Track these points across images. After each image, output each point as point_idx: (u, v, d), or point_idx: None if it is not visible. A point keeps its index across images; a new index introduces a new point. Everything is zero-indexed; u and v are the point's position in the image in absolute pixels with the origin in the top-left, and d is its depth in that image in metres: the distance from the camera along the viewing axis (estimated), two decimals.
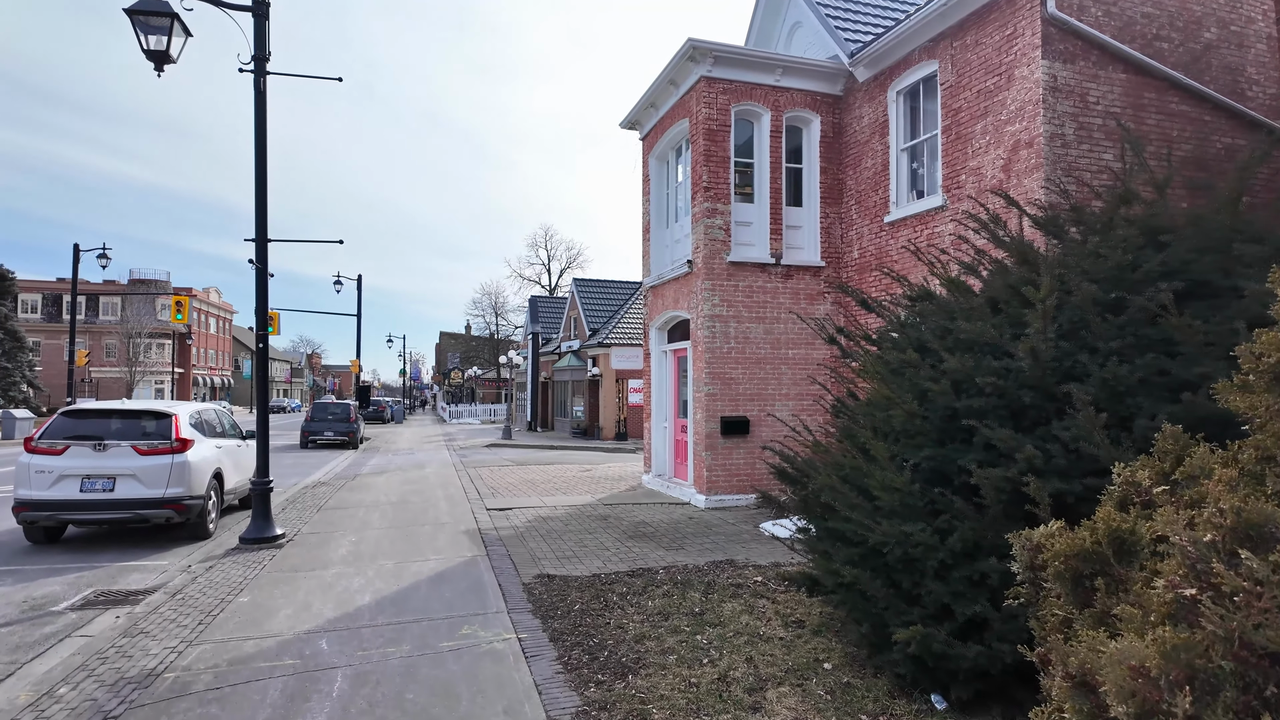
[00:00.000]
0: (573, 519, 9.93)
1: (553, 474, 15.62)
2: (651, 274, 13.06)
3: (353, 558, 7.63)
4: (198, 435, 9.38)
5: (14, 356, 37.33)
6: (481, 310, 69.30)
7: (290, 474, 17.08)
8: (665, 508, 10.87)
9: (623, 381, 30.36)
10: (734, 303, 11.03)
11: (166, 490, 8.58)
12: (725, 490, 10.85)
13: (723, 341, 10.93)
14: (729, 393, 10.93)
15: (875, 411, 4.76)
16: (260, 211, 8.40)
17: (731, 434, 10.88)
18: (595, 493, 12.43)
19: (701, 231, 10.93)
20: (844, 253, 11.63)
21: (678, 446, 12.48)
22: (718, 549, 8.15)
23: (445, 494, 12.44)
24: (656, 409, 13.00)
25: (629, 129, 13.80)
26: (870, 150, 11.03)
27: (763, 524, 9.45)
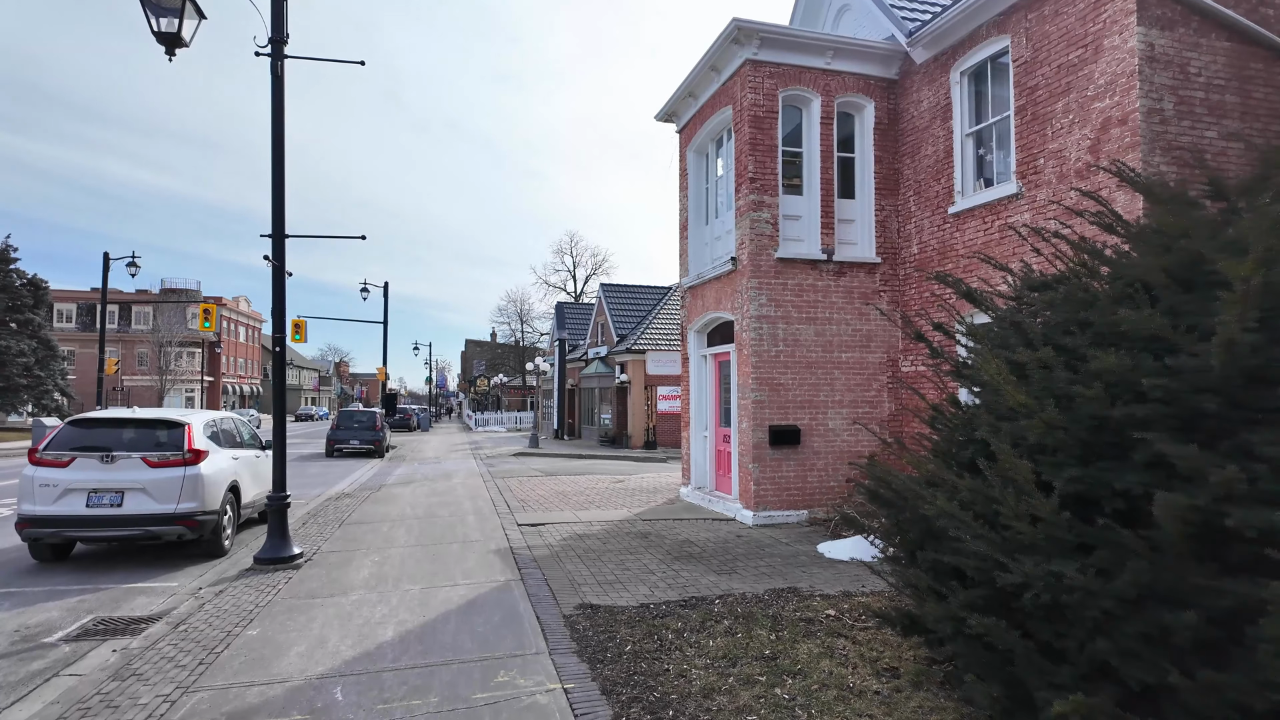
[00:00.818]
0: (611, 537, 9.17)
1: (584, 485, 14.89)
2: (690, 273, 12.30)
3: (375, 581, 6.94)
4: (213, 446, 8.79)
5: (46, 364, 37.64)
6: (507, 317, 69.05)
7: (314, 484, 16.56)
8: (709, 524, 10.07)
9: (652, 388, 29.61)
10: (782, 302, 10.22)
11: (178, 505, 7.98)
12: (775, 506, 10.02)
13: (770, 344, 10.13)
14: (777, 400, 10.12)
15: (1000, 423, 3.93)
16: (277, 206, 7.80)
17: (781, 444, 10.05)
18: (631, 506, 11.66)
19: (747, 226, 10.15)
20: (901, 248, 10.76)
21: (719, 457, 11.67)
22: (775, 574, 7.33)
23: (474, 507, 11.76)
24: (696, 417, 12.22)
25: (664, 121, 13.09)
26: (930, 137, 10.17)
27: (821, 545, 8.60)
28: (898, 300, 10.79)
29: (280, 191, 7.80)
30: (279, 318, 7.81)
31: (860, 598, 6.40)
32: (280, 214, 7.82)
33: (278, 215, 7.80)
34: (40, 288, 38.71)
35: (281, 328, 7.82)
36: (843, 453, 10.39)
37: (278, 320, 7.80)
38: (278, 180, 7.78)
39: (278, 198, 7.80)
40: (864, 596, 6.44)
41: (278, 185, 7.79)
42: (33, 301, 38.11)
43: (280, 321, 7.82)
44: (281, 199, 7.82)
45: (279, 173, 7.78)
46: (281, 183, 7.80)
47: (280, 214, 7.82)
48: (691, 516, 10.59)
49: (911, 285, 10.52)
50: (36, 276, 38.49)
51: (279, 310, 7.80)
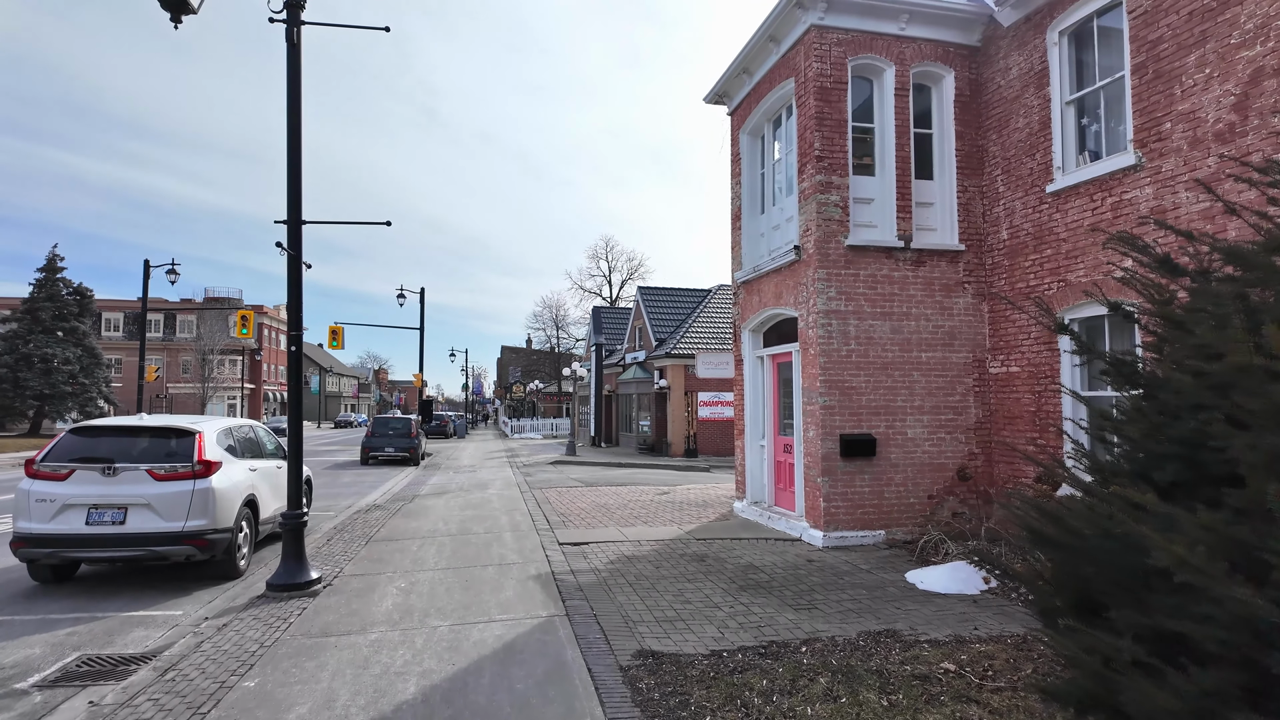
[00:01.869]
0: (663, 559, 8.13)
1: (626, 497, 13.88)
2: (743, 266, 11.23)
3: (399, 615, 6.02)
4: (227, 457, 8.01)
5: (91, 372, 38.10)
6: (542, 324, 68.64)
7: (346, 494, 15.87)
8: (772, 546, 8.96)
9: (692, 394, 28.51)
10: (854, 295, 9.10)
11: (186, 523, 7.19)
12: (847, 525, 8.87)
13: (841, 342, 9.00)
14: (849, 405, 8.98)
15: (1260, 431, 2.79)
16: (293, 189, 6.98)
17: (854, 455, 8.91)
18: (681, 523, 10.61)
19: (813, 210, 9.05)
20: (988, 234, 9.55)
21: (779, 469, 10.55)
22: (864, 610, 6.22)
23: (510, 522, 10.83)
24: (751, 425, 11.12)
25: (714, 103, 12.07)
26: (1022, 107, 8.97)
27: (910, 573, 7.44)
28: (984, 293, 9.57)
29: (296, 173, 6.98)
30: (295, 312, 6.97)
31: (979, 645, 5.25)
32: (296, 197, 6.99)
33: (293, 199, 6.98)
34: (86, 296, 39.27)
35: (298, 324, 6.99)
36: (924, 465, 9.20)
37: (293, 315, 6.97)
38: (293, 160, 6.96)
39: (293, 180, 6.97)
40: (983, 644, 5.29)
41: (293, 166, 6.97)
42: (78, 310, 38.67)
43: (297, 317, 6.99)
44: (298, 181, 7.00)
45: (295, 152, 6.96)
46: (298, 163, 6.98)
47: (296, 197, 6.99)
48: (751, 536, 9.49)
49: (1001, 274, 9.30)
50: (82, 285, 39.07)
51: (295, 304, 6.97)
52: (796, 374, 9.74)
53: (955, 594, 6.78)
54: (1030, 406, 8.83)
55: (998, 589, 6.94)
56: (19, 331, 36.59)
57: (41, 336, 36.63)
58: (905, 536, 9.02)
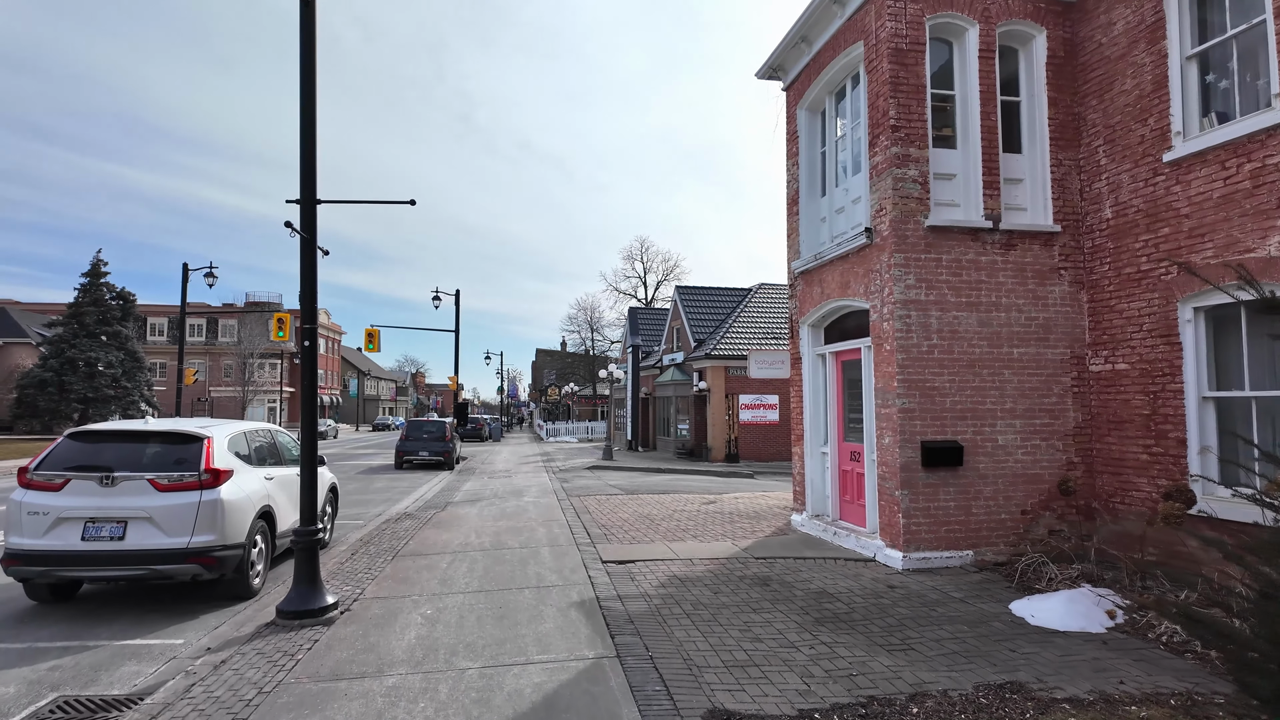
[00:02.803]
0: (721, 583, 7.17)
1: (671, 506, 12.93)
2: (801, 255, 10.21)
3: (422, 652, 5.16)
4: (240, 464, 7.28)
5: (133, 376, 38.51)
6: (577, 326, 68.10)
7: (377, 500, 15.22)
8: (844, 568, 7.93)
9: (733, 397, 27.45)
10: (935, 283, 8.03)
11: (191, 538, 6.45)
12: (930, 545, 7.79)
13: (921, 337, 7.94)
14: (931, 408, 7.91)
15: None
16: (307, 162, 6.20)
17: (937, 465, 7.83)
18: (735, 537, 9.62)
19: (888, 186, 8.01)
20: (1087, 213, 8.39)
21: (844, 480, 9.50)
22: (972, 652, 5.18)
23: (548, 535, 9.97)
24: (811, 430, 10.08)
25: (767, 78, 11.08)
26: (1130, 66, 7.81)
27: (1015, 603, 6.35)
28: (1083, 280, 8.41)
29: (311, 147, 6.20)
30: (308, 303, 6.19)
31: (1134, 708, 4.18)
32: (311, 174, 6.21)
33: (307, 175, 6.20)
34: (128, 301, 39.75)
35: (312, 315, 6.20)
36: (1016, 476, 8.08)
37: (306, 307, 6.19)
38: (307, 132, 6.18)
39: (307, 154, 6.20)
40: (1139, 705, 4.22)
41: (307, 139, 6.19)
42: (121, 314, 39.15)
43: (310, 309, 6.20)
44: (312, 156, 6.22)
45: (309, 123, 6.19)
46: (312, 135, 6.20)
47: (311, 174, 6.21)
48: (816, 555, 8.46)
49: (1104, 258, 8.14)
50: (125, 290, 39.56)
51: (308, 293, 6.19)
52: (867, 373, 8.69)
53: (1077, 632, 5.68)
54: (1142, 409, 7.65)
55: (1126, 625, 5.83)
56: (64, 336, 37.13)
57: (85, 340, 37.13)
58: (997, 557, 7.91)
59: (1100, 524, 8.01)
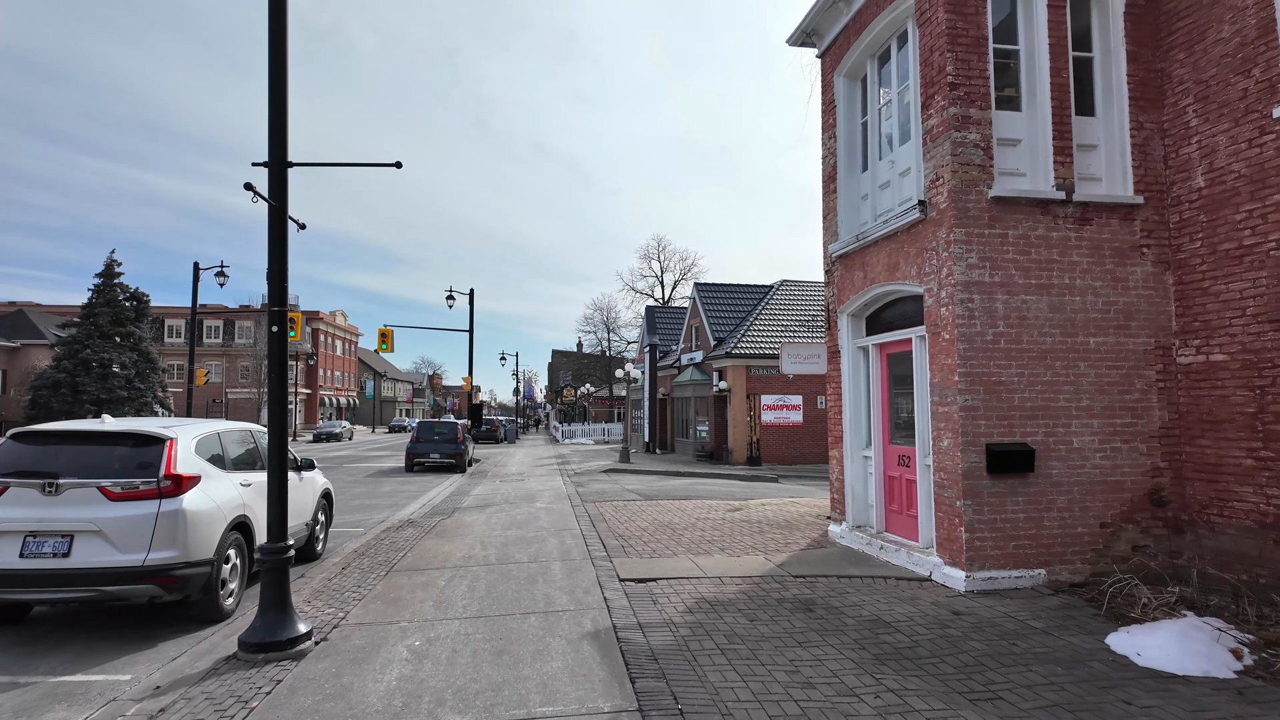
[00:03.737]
0: (758, 608, 6.20)
1: (692, 514, 11.97)
2: (840, 237, 9.21)
3: (402, 700, 4.25)
4: (210, 469, 6.44)
5: (146, 377, 38.17)
6: (593, 326, 67.25)
7: (382, 506, 14.41)
8: (896, 589, 6.93)
9: (755, 397, 26.46)
10: (1000, 262, 7.02)
11: (149, 555, 5.61)
12: (997, 563, 6.77)
13: (985, 324, 6.93)
14: (997, 405, 6.90)
15: None
16: (276, 118, 5.33)
17: (1004, 471, 6.82)
18: (767, 550, 8.64)
19: (946, 152, 7.02)
20: (1174, 182, 7.33)
21: (890, 487, 8.49)
22: (1076, 704, 4.18)
23: (559, 547, 9.05)
24: (852, 431, 9.08)
25: (800, 44, 10.11)
26: (1227, 11, 6.75)
27: (1113, 636, 5.33)
28: (1168, 259, 7.35)
29: (281, 100, 5.33)
30: (277, 282, 5.32)
31: None
32: (281, 132, 5.34)
33: (277, 134, 5.33)
34: (142, 301, 39.44)
35: (282, 298, 5.33)
36: (1094, 483, 7.04)
37: (275, 287, 5.31)
38: (277, 84, 5.31)
39: (277, 109, 5.33)
40: None
41: (277, 91, 5.32)
42: (135, 315, 38.83)
43: (280, 289, 5.32)
44: (283, 110, 5.35)
45: (279, 74, 5.32)
46: (283, 89, 5.33)
47: (281, 132, 5.34)
48: (862, 573, 7.46)
49: (1195, 233, 7.08)
50: (139, 290, 39.24)
51: (278, 271, 5.32)
52: (920, 367, 7.69)
53: (1200, 676, 4.66)
54: (1245, 406, 6.59)
55: (1258, 666, 4.80)
56: (77, 336, 36.87)
57: (99, 341, 36.83)
58: (1073, 577, 6.87)
59: (1193, 539, 6.95)
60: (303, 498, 8.50)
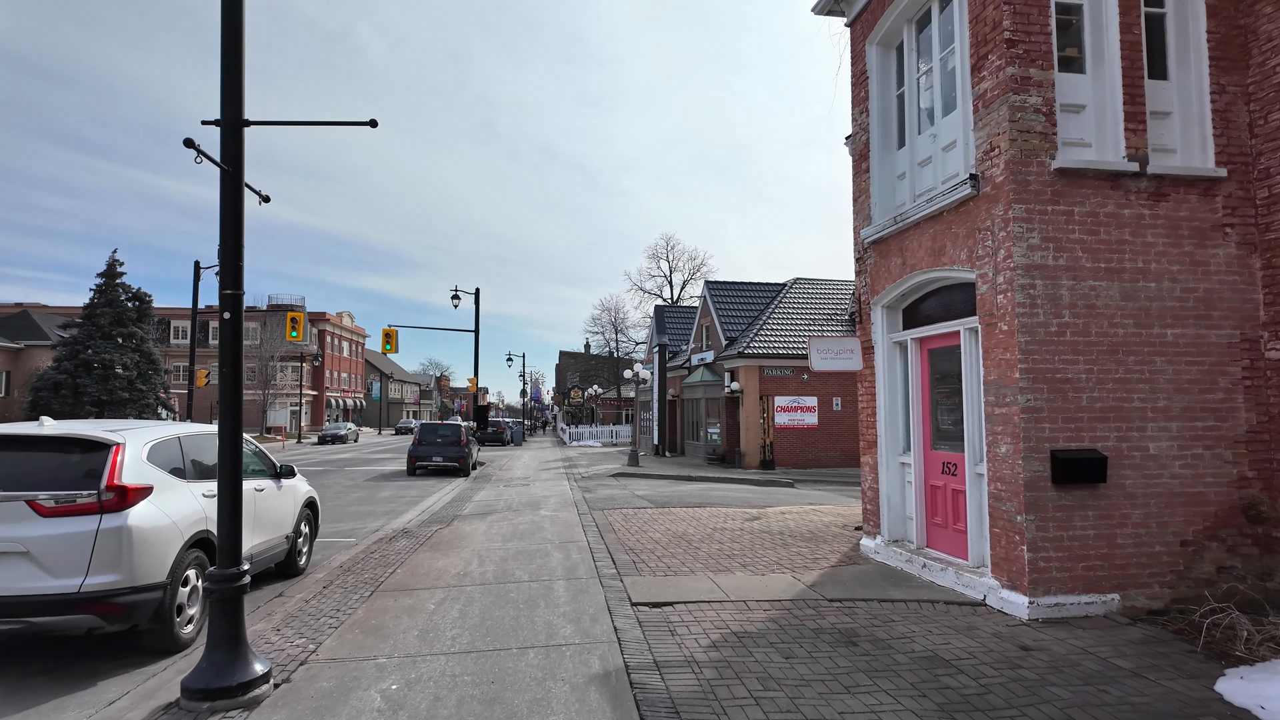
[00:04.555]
0: (793, 641, 5.36)
1: (708, 523, 11.14)
2: (874, 220, 8.36)
3: None
4: (166, 479, 5.66)
5: (148, 378, 37.65)
6: (601, 327, 66.49)
7: (379, 513, 13.63)
8: (948, 616, 6.08)
9: (768, 398, 25.61)
10: (1065, 243, 6.16)
11: (86, 579, 4.83)
12: (1065, 587, 5.91)
13: (1049, 313, 6.08)
14: (1063, 406, 6.04)
15: None
16: (231, 71, 4.54)
17: (1072, 481, 5.96)
18: (795, 567, 7.80)
19: (1003, 119, 6.17)
20: (1262, 152, 6.44)
21: (932, 497, 7.64)
22: None
23: (564, 562, 8.24)
24: (887, 435, 8.22)
25: (827, 14, 9.28)
26: None
27: (1223, 682, 4.46)
28: (1254, 240, 6.47)
29: (236, 49, 4.55)
30: (231, 261, 4.52)
31: None
32: (236, 87, 4.55)
33: (231, 89, 4.54)
34: (144, 301, 38.95)
35: (236, 279, 4.53)
36: (1173, 495, 6.16)
37: (228, 266, 4.52)
38: (232, 31, 4.53)
39: (232, 59, 4.54)
40: None
41: (232, 41, 4.53)
42: (137, 315, 38.34)
43: (234, 269, 4.53)
44: (238, 62, 4.56)
45: (233, 19, 4.53)
46: (238, 33, 4.54)
47: (236, 87, 4.55)
48: (906, 596, 6.61)
49: None
50: (141, 290, 38.75)
51: (231, 246, 4.52)
52: (970, 363, 6.84)
53: None
54: None
55: None
56: (78, 337, 36.36)
57: (100, 342, 36.33)
58: (1150, 603, 6.00)
59: None
60: (282, 508, 7.73)
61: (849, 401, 26.18)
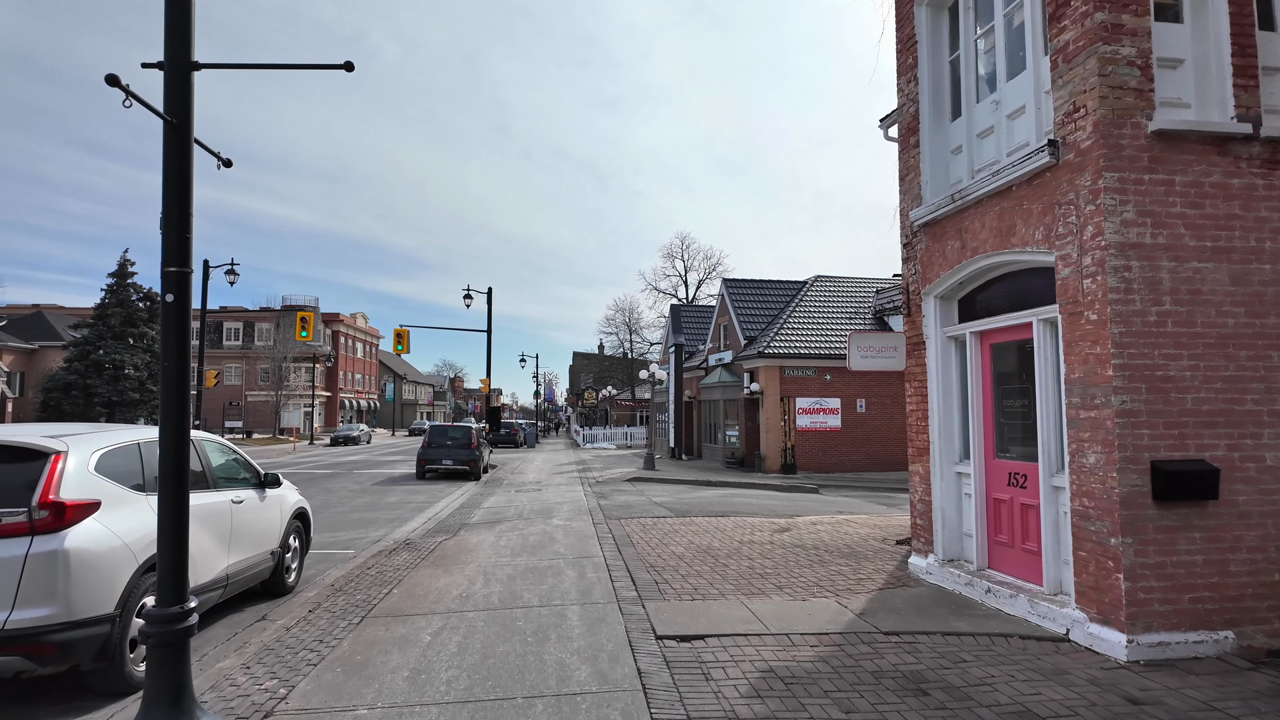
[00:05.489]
0: (850, 689, 4.50)
1: (734, 535, 10.29)
2: (926, 200, 7.48)
3: None
4: (119, 492, 4.90)
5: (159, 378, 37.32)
6: (615, 328, 65.72)
7: (383, 520, 12.89)
8: (1026, 654, 5.19)
9: (789, 400, 24.71)
10: (1165, 218, 5.26)
11: (10, 615, 4.08)
12: (1169, 622, 5.01)
13: (1147, 300, 5.18)
14: (1164, 409, 5.14)
15: None
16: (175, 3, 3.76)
17: (1176, 498, 5.05)
18: (837, 590, 6.93)
19: (1092, 72, 5.28)
20: None
21: (996, 512, 6.74)
22: None
23: (579, 583, 7.42)
24: (941, 441, 7.33)
25: None
26: None
27: None
28: None
29: None
30: (176, 233, 3.75)
31: None
32: (183, 26, 3.78)
33: (177, 28, 3.77)
34: (155, 301, 38.61)
35: (183, 254, 3.75)
36: None
37: (172, 237, 3.74)
38: None
39: None
40: None
41: None
42: (148, 316, 38.02)
43: (181, 242, 3.75)
44: None
45: None
46: None
47: (183, 26, 3.78)
48: (973, 629, 5.72)
49: None
50: (152, 290, 38.44)
51: (177, 213, 3.74)
52: (1045, 359, 5.95)
53: None
54: None
55: None
56: (89, 338, 36.09)
57: (111, 343, 36.04)
58: (1271, 641, 5.09)
59: None
60: (265, 521, 6.97)
61: (873, 403, 25.22)
